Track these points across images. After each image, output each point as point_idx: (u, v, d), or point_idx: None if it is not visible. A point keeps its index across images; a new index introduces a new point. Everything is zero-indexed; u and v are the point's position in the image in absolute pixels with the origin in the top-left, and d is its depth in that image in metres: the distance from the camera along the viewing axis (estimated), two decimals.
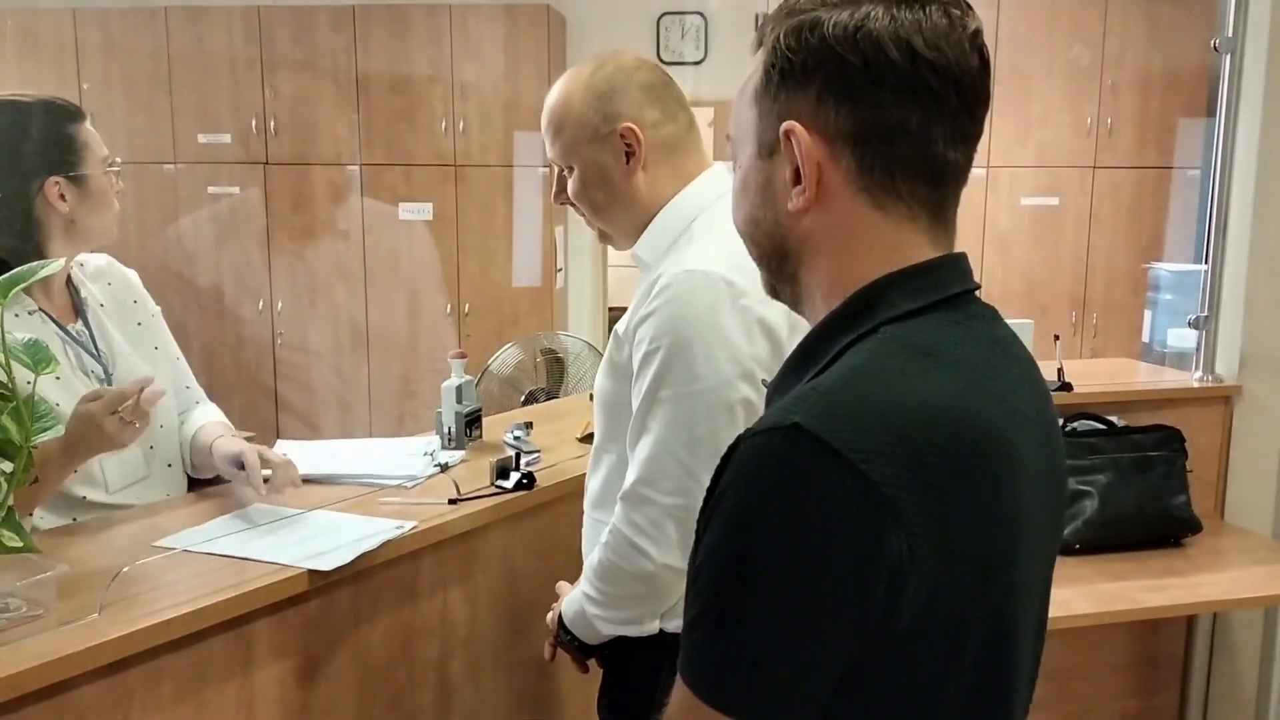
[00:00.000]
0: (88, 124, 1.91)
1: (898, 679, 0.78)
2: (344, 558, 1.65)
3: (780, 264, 0.92)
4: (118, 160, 1.94)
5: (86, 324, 1.93)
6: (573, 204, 1.64)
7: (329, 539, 1.72)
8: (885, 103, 0.83)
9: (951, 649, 0.80)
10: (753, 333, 1.46)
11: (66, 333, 1.88)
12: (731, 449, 0.80)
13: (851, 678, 0.77)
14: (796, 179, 0.86)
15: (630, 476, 1.49)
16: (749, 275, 1.47)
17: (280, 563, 1.62)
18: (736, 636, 0.76)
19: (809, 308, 0.92)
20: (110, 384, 1.90)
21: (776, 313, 1.49)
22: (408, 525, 1.79)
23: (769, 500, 0.76)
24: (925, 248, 0.87)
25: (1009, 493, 0.82)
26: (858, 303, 0.86)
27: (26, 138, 1.84)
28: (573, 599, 1.61)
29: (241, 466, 1.87)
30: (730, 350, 1.45)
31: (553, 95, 1.62)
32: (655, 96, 1.58)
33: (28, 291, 1.81)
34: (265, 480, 1.85)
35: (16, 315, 1.81)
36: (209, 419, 2.06)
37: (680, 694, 0.79)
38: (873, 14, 0.83)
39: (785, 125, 0.86)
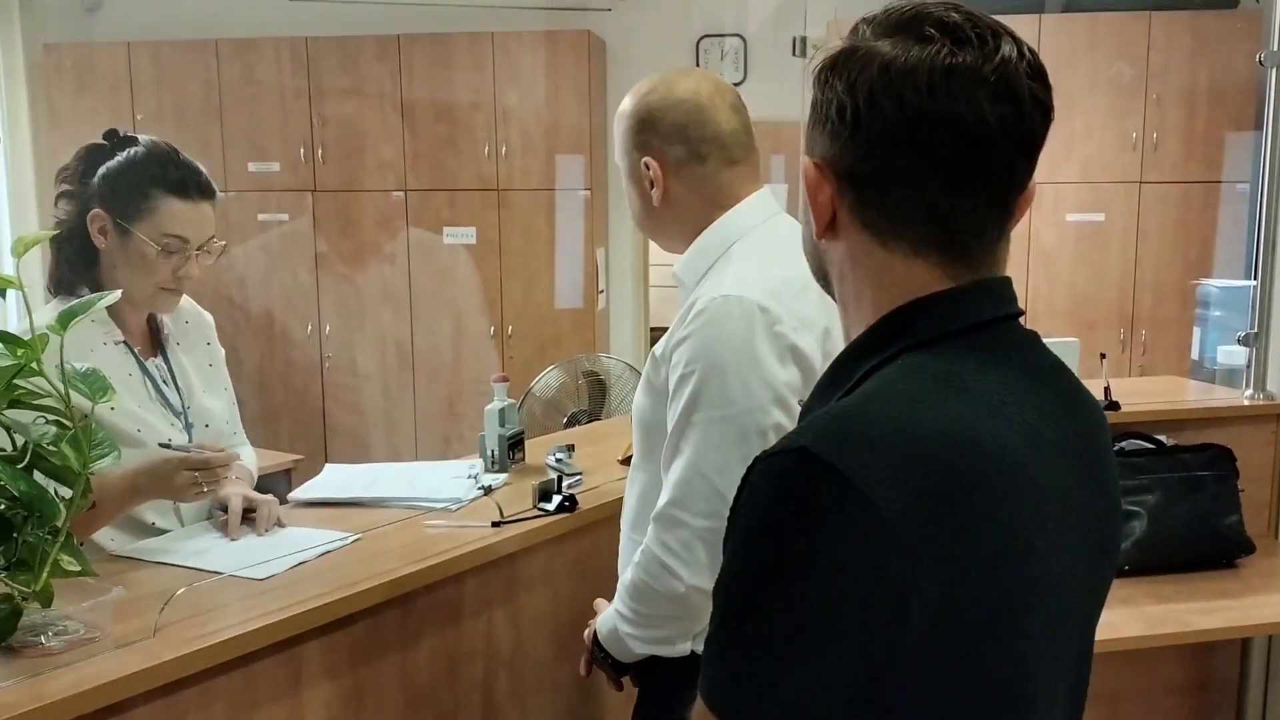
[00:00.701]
0: (181, 200, 1.85)
1: (907, 701, 0.79)
2: (278, 568, 1.70)
3: (824, 281, 0.96)
4: (187, 241, 1.86)
5: (165, 359, 1.97)
6: None
7: (270, 550, 1.78)
8: (876, 151, 0.84)
9: (963, 672, 0.79)
10: (786, 358, 1.48)
11: (144, 367, 1.92)
12: (749, 471, 0.82)
13: (860, 698, 0.78)
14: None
15: (663, 498, 1.51)
16: (784, 301, 1.49)
17: (212, 570, 1.70)
18: (746, 653, 0.79)
19: (846, 325, 0.95)
20: (187, 419, 1.95)
21: (810, 339, 1.50)
22: (350, 537, 1.84)
23: (775, 521, 0.78)
24: (940, 280, 0.86)
25: (1027, 520, 0.82)
26: (881, 329, 0.88)
27: (107, 169, 1.87)
28: (606, 617, 1.63)
29: (224, 509, 1.92)
30: (763, 376, 1.46)
31: (628, 98, 1.67)
32: (686, 136, 1.59)
33: (115, 322, 1.87)
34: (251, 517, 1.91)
35: (104, 344, 1.86)
36: (243, 461, 2.08)
37: (698, 707, 0.82)
38: (875, 58, 0.83)
39: (804, 160, 0.90)
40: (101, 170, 1.87)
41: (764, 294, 1.48)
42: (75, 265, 1.88)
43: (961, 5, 0.85)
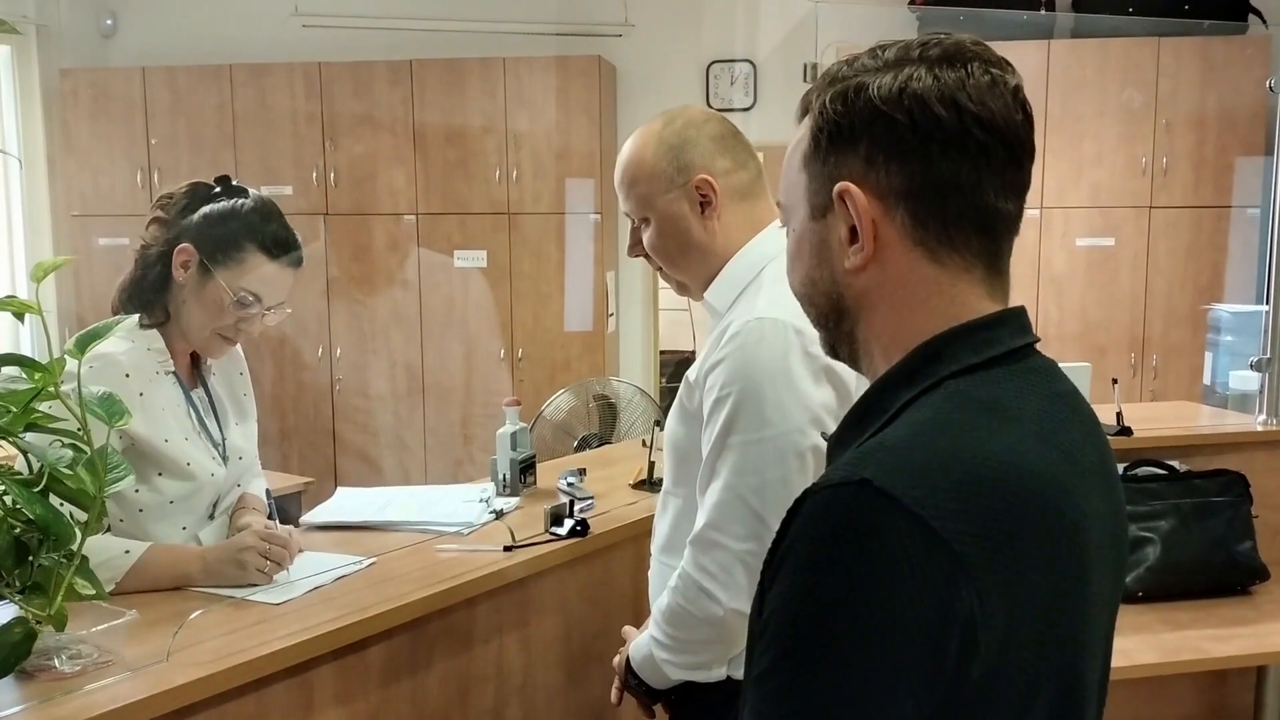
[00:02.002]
0: (275, 263, 1.88)
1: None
2: (293, 592, 1.70)
3: (838, 322, 0.94)
4: (261, 299, 1.88)
5: (207, 391, 1.99)
6: (648, 256, 1.67)
7: (284, 574, 1.78)
8: (935, 158, 0.86)
9: (1022, 704, 0.80)
10: (821, 380, 1.48)
11: (190, 398, 1.93)
12: (799, 502, 0.81)
13: None
14: (853, 237, 0.89)
15: (700, 521, 1.50)
16: None
17: (227, 594, 1.71)
18: (811, 691, 0.77)
19: (866, 364, 0.94)
20: (225, 450, 1.96)
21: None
22: (364, 561, 1.84)
23: (840, 556, 0.76)
24: (983, 299, 0.89)
25: (1076, 546, 0.84)
26: (919, 358, 0.88)
27: (210, 211, 1.89)
28: (640, 643, 1.62)
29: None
30: (800, 397, 1.46)
31: (625, 151, 1.65)
32: (725, 146, 1.62)
33: (171, 354, 1.89)
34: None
35: (158, 374, 1.88)
36: (254, 490, 2.08)
37: None
38: (915, 75, 0.86)
39: (839, 186, 0.88)
40: (205, 209, 1.90)
41: (797, 316, 1.48)
42: (148, 287, 1.89)
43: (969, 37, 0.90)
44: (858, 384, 1.50)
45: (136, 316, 1.73)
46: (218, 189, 1.94)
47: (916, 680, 0.75)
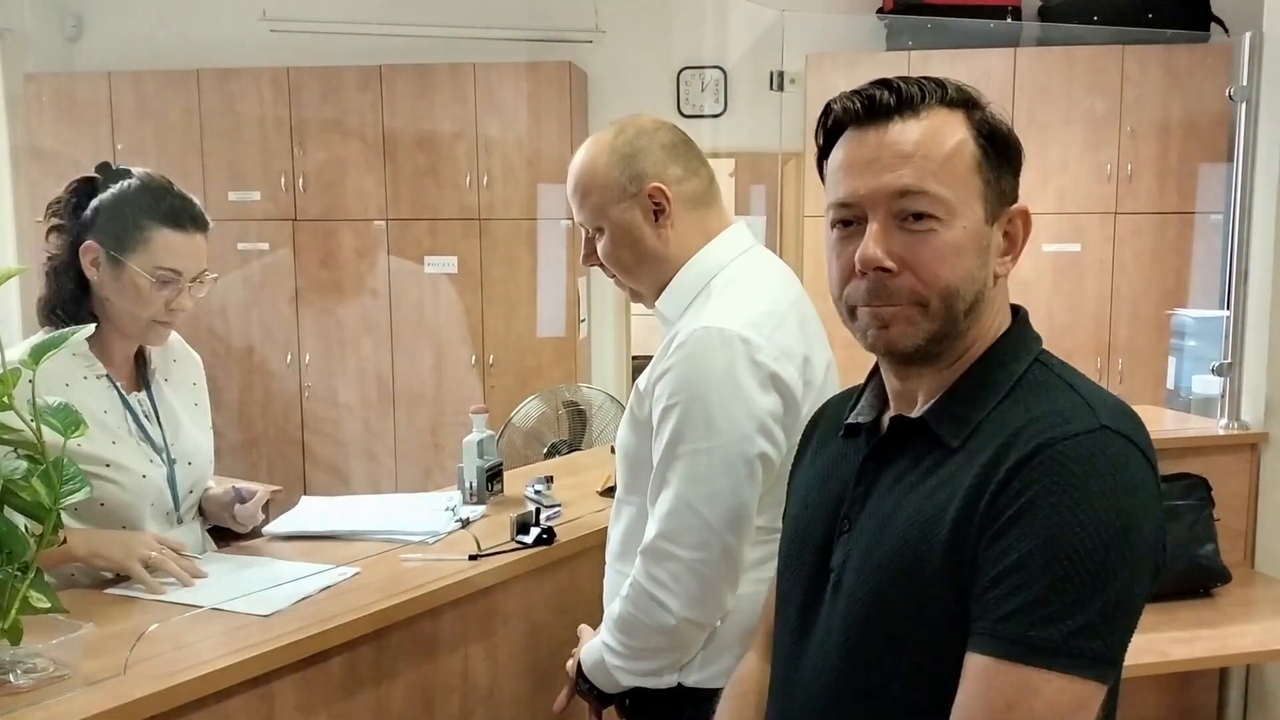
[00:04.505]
0: (175, 232, 1.84)
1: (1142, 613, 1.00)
2: (281, 603, 1.68)
3: (966, 315, 1.07)
4: (181, 274, 1.86)
5: (150, 396, 1.96)
6: (602, 265, 1.67)
7: (266, 582, 1.76)
8: (1016, 182, 1.10)
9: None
10: (768, 388, 1.48)
11: (127, 402, 1.91)
12: (1036, 451, 0.97)
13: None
14: (1008, 248, 1.10)
15: (650, 530, 1.50)
16: (764, 332, 1.50)
17: (210, 607, 1.67)
18: (1105, 602, 0.93)
19: (955, 354, 1.09)
20: (170, 455, 1.94)
21: (790, 369, 1.51)
22: (350, 571, 1.83)
23: (1113, 487, 0.95)
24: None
25: None
26: (1011, 343, 1.10)
27: (99, 201, 1.86)
28: (592, 648, 1.61)
29: (241, 500, 2.00)
30: (747, 405, 1.46)
31: (577, 161, 1.65)
32: (677, 154, 1.63)
33: (99, 355, 1.86)
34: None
35: (85, 378, 1.85)
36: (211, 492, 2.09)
37: (1019, 677, 0.93)
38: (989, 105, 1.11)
39: (1020, 206, 1.10)
40: (94, 202, 1.86)
41: (744, 325, 1.49)
42: (67, 297, 1.87)
43: None
44: (804, 392, 1.51)
45: (94, 325, 1.70)
46: (100, 178, 1.90)
47: (1151, 575, 0.98)
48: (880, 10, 4.84)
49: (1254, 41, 2.76)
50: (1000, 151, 1.07)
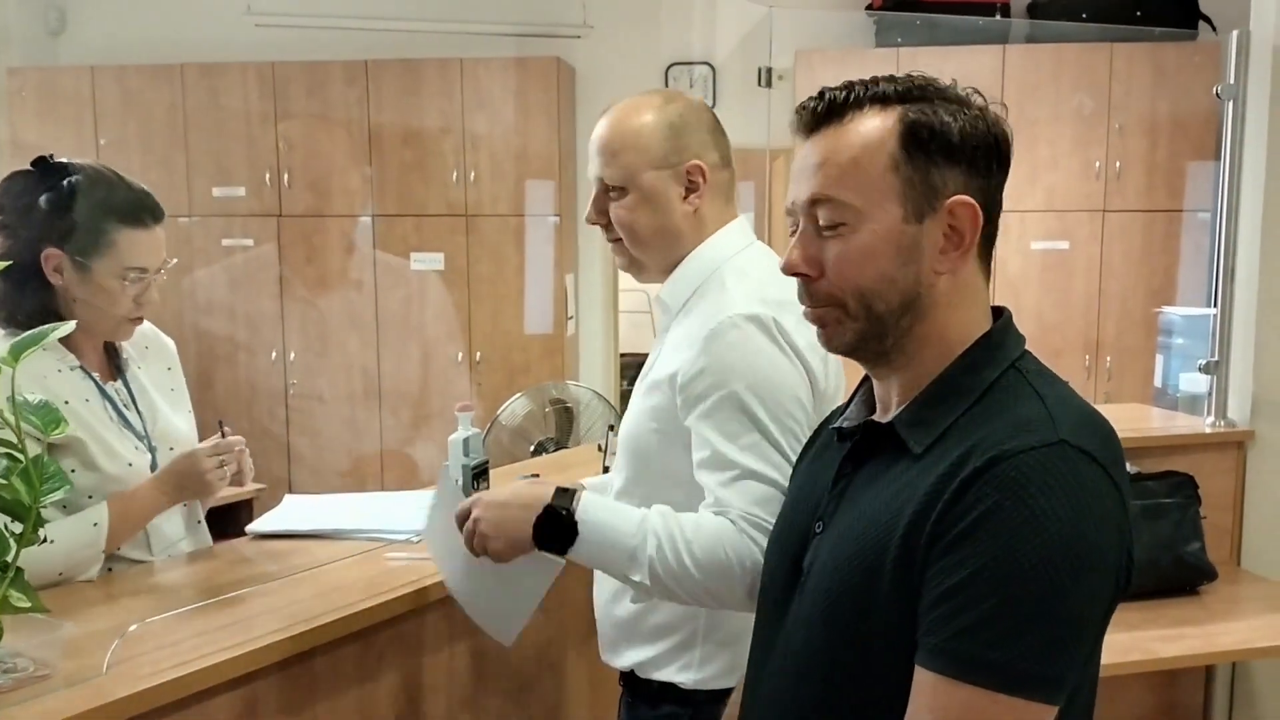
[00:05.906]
0: (138, 230, 1.82)
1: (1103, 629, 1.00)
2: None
3: (899, 318, 1.05)
4: (147, 270, 1.85)
5: (126, 384, 1.94)
6: (605, 225, 1.62)
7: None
8: (996, 180, 1.05)
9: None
10: (799, 369, 1.48)
11: (103, 391, 1.89)
12: (990, 465, 0.94)
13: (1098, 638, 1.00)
14: (948, 244, 1.04)
15: (740, 505, 1.40)
16: (790, 321, 1.47)
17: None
18: (1055, 621, 0.91)
19: (908, 356, 1.07)
20: (150, 442, 1.92)
21: (812, 356, 1.50)
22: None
23: (1068, 504, 0.92)
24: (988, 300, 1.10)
25: None
26: (987, 347, 1.06)
27: (54, 204, 1.81)
28: (626, 531, 1.40)
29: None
30: (789, 386, 1.46)
31: (618, 116, 1.60)
32: (719, 142, 1.63)
33: (70, 348, 1.84)
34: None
35: (59, 370, 1.83)
36: None
37: (968, 698, 0.91)
38: (968, 104, 1.06)
39: (958, 199, 1.03)
40: (44, 203, 1.81)
41: (772, 307, 1.48)
42: (31, 304, 1.82)
43: None
44: (823, 369, 1.51)
45: (73, 323, 1.68)
46: (36, 172, 1.85)
47: (1110, 595, 0.97)
48: (869, 6, 4.84)
49: (1241, 40, 2.77)
50: (937, 147, 1.02)
